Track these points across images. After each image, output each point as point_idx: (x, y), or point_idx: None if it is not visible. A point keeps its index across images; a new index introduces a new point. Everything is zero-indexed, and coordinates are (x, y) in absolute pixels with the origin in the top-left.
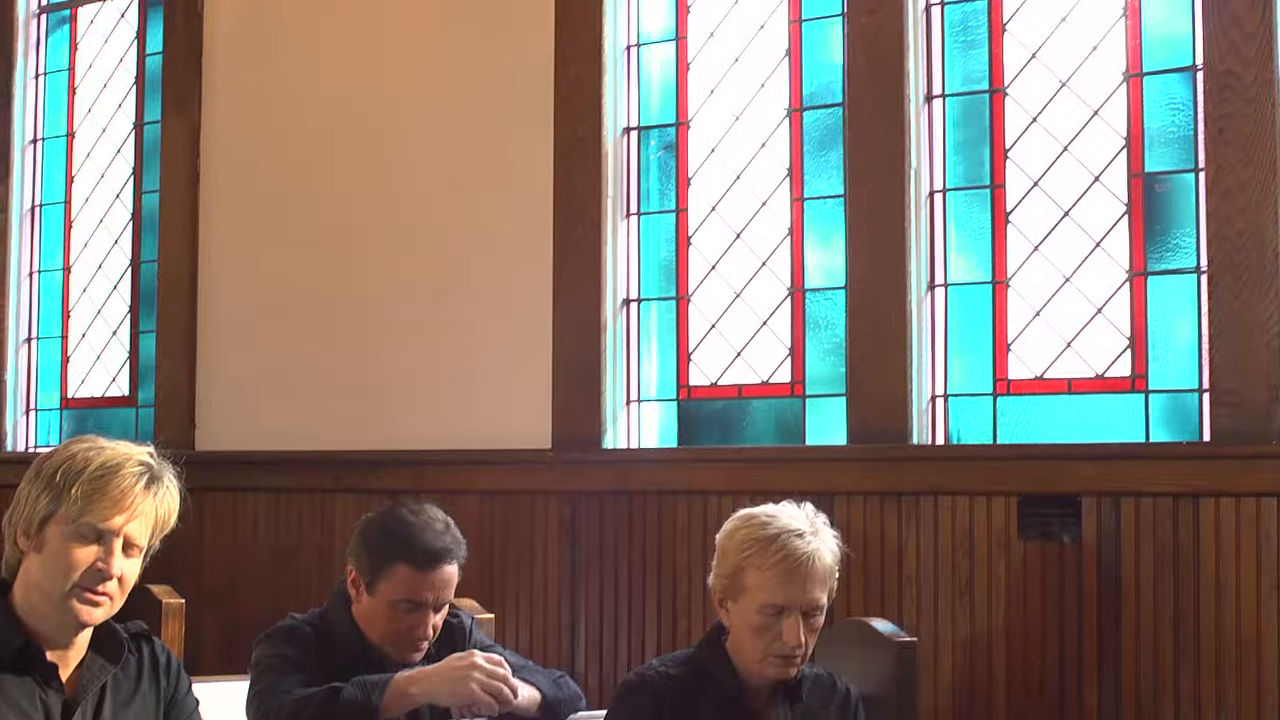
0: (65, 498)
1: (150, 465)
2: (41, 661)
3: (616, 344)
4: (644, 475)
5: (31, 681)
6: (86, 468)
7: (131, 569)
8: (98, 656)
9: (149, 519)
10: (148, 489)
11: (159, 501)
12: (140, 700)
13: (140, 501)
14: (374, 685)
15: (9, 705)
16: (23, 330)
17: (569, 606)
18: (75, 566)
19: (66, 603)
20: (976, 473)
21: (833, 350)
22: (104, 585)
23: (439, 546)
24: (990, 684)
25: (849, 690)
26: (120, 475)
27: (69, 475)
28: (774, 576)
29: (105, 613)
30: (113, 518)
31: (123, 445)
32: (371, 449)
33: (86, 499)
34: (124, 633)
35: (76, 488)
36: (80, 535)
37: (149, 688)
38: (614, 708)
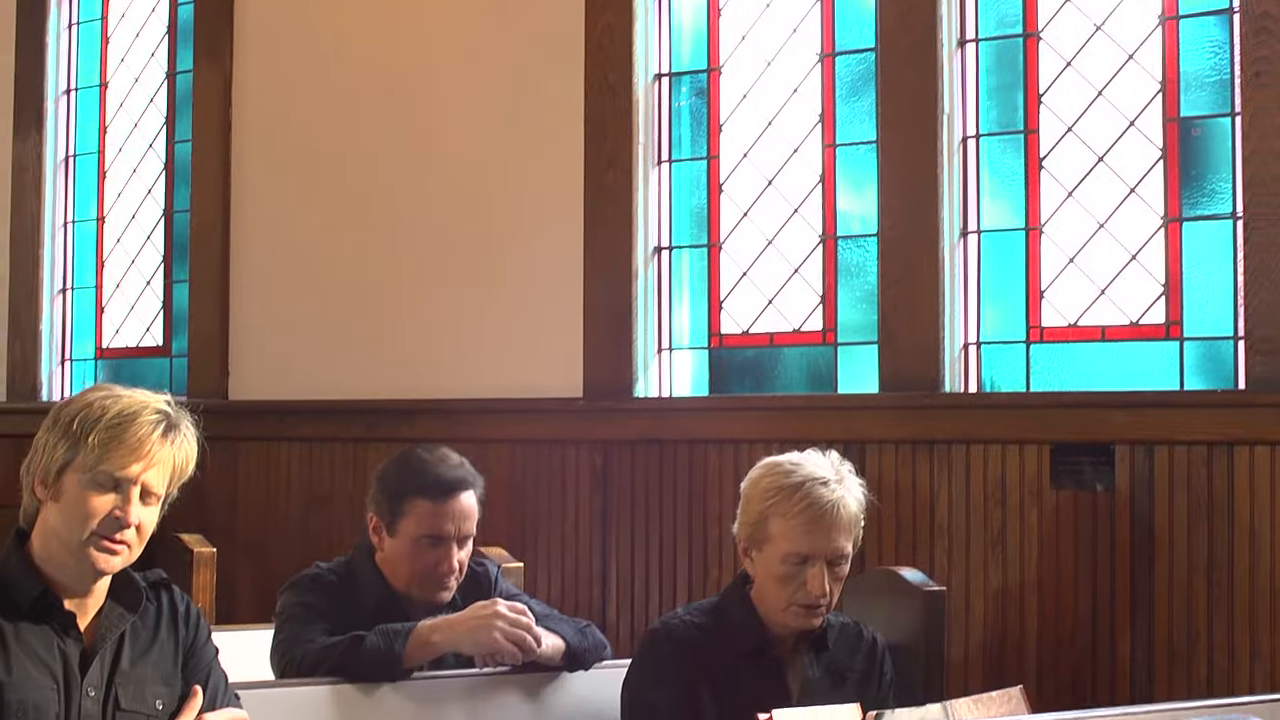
0: (82, 446)
1: (167, 413)
2: (59, 610)
3: (648, 292)
4: (675, 423)
5: (49, 630)
6: (103, 416)
7: (149, 517)
8: (116, 605)
9: (166, 467)
10: (165, 437)
11: (176, 449)
12: (159, 648)
13: (157, 449)
14: (397, 634)
15: (27, 654)
16: (57, 281)
17: (600, 555)
18: (93, 515)
19: (85, 551)
20: (1009, 421)
21: (864, 298)
22: (122, 533)
23: (454, 477)
24: (1022, 634)
25: (875, 639)
26: (137, 423)
27: (86, 423)
28: (798, 525)
29: (123, 561)
30: (130, 465)
31: (139, 393)
32: (404, 398)
33: (104, 447)
34: (142, 581)
35: (94, 436)
36: (98, 483)
37: (168, 636)
38: (638, 657)
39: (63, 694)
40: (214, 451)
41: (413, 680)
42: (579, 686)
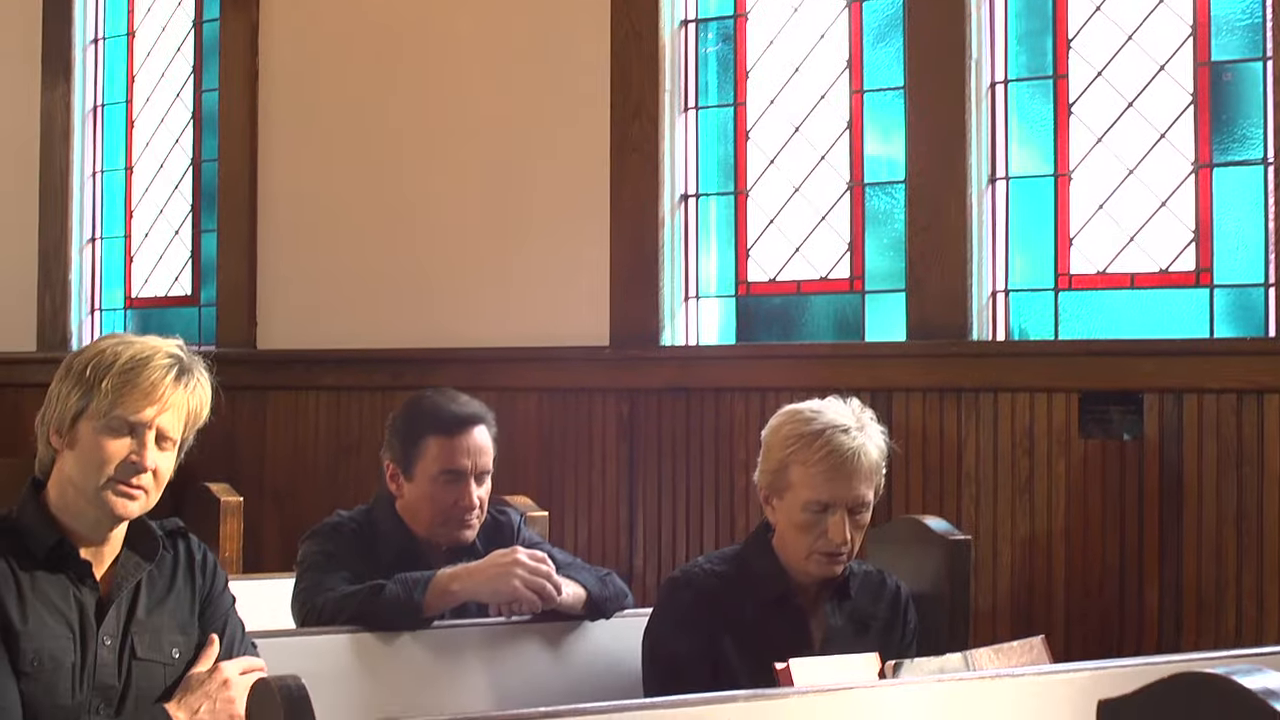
0: (96, 392)
1: (180, 357)
2: (75, 559)
3: (674, 240)
4: (702, 372)
5: (65, 579)
6: (116, 361)
7: (165, 462)
8: (132, 554)
9: (180, 411)
10: (178, 381)
11: (190, 394)
12: (175, 597)
13: (170, 393)
14: (416, 583)
15: (42, 603)
16: (86, 230)
17: (627, 504)
18: (109, 460)
19: (102, 496)
20: (1037, 369)
21: (892, 245)
22: (138, 478)
23: (466, 412)
24: (1049, 582)
25: (899, 587)
26: (150, 367)
27: (99, 370)
28: (819, 473)
29: (141, 506)
30: (144, 410)
31: (151, 339)
32: (430, 346)
33: (117, 392)
34: (159, 530)
35: (107, 381)
36: (112, 429)
37: (184, 584)
38: (659, 605)
39: (78, 643)
40: (242, 401)
41: (432, 629)
42: (600, 635)
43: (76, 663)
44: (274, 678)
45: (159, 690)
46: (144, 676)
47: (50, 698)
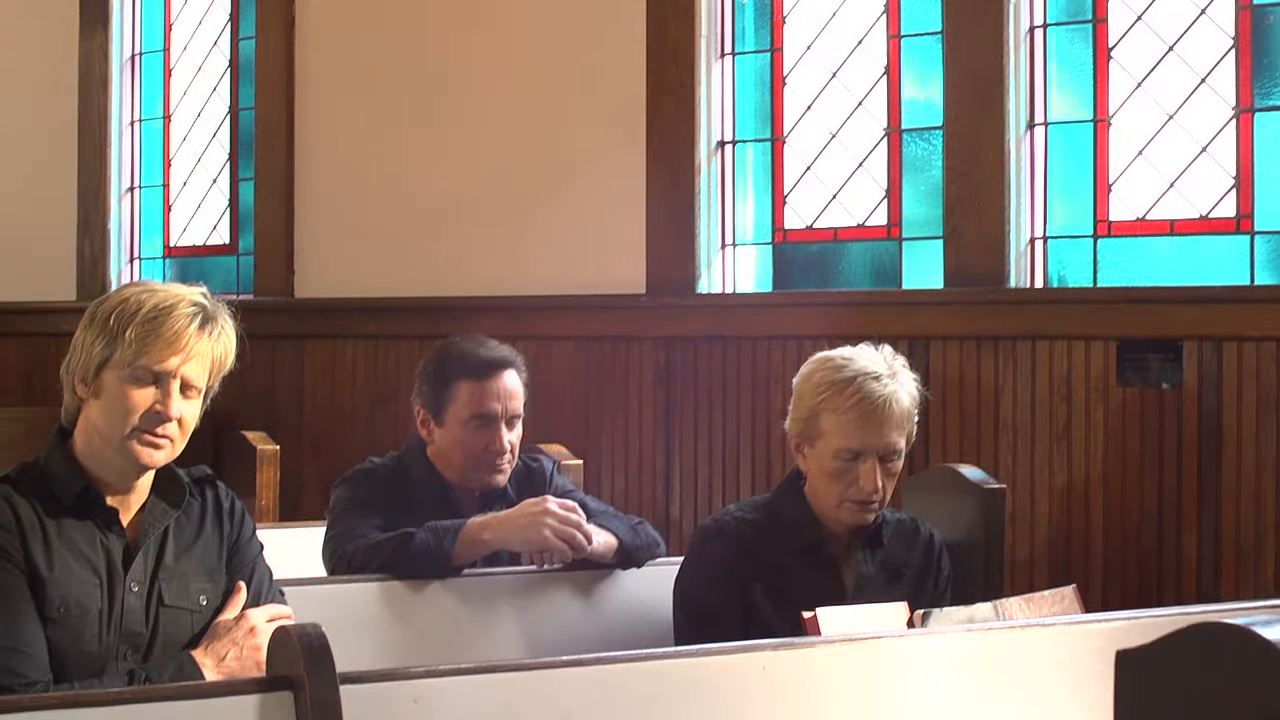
0: (120, 341)
1: (204, 305)
2: (101, 505)
3: (711, 187)
4: (738, 319)
5: (92, 526)
6: (140, 310)
7: (190, 410)
8: (159, 501)
9: (205, 359)
10: (202, 329)
11: (214, 342)
12: (203, 544)
13: (195, 342)
14: (446, 531)
15: (69, 549)
16: (125, 179)
17: (663, 452)
18: (134, 410)
19: (127, 446)
20: (1075, 316)
21: (930, 192)
22: (163, 427)
23: (495, 356)
24: (1087, 530)
25: (932, 535)
26: (174, 316)
27: (123, 319)
28: (850, 420)
29: (166, 455)
30: (168, 359)
31: (175, 287)
32: (467, 294)
33: (141, 341)
34: (186, 477)
35: (131, 331)
36: (137, 378)
37: (212, 531)
38: (690, 554)
39: (105, 589)
40: (280, 349)
41: (462, 577)
42: (632, 584)
43: (103, 609)
44: (294, 625)
45: (186, 637)
46: (171, 623)
47: (77, 644)
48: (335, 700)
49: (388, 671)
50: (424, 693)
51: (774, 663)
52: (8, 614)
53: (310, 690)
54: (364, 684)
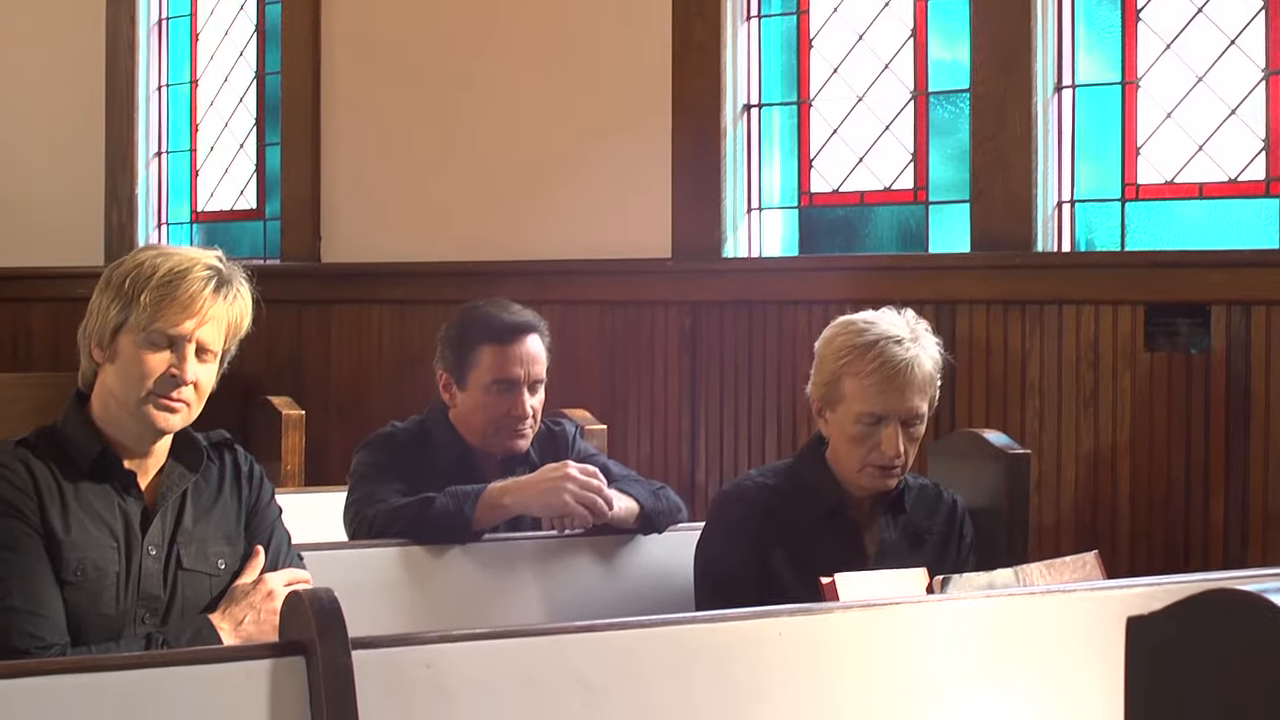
0: (135, 305)
1: (219, 269)
2: (119, 469)
3: (737, 150)
4: (764, 284)
5: (110, 489)
6: (154, 274)
7: (206, 375)
8: (177, 464)
9: (220, 323)
10: (217, 292)
11: (230, 305)
12: (221, 508)
13: (210, 305)
14: (466, 496)
15: (87, 512)
16: (153, 144)
17: (689, 417)
18: (149, 374)
19: (142, 410)
20: (1102, 281)
21: (956, 155)
22: (179, 391)
23: (518, 321)
24: (1114, 496)
25: (955, 501)
26: (188, 279)
27: (137, 282)
28: (871, 384)
29: (182, 419)
30: (183, 323)
31: (190, 250)
32: (493, 259)
33: (156, 305)
34: (204, 441)
35: (145, 295)
36: (152, 342)
37: (230, 495)
38: (710, 520)
39: (123, 552)
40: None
41: (483, 542)
42: (653, 549)
43: (121, 572)
44: (307, 590)
45: (205, 601)
46: (189, 587)
47: (94, 607)
48: (347, 665)
49: (400, 637)
50: (437, 658)
51: (790, 628)
52: (25, 577)
53: (322, 655)
54: (376, 649)
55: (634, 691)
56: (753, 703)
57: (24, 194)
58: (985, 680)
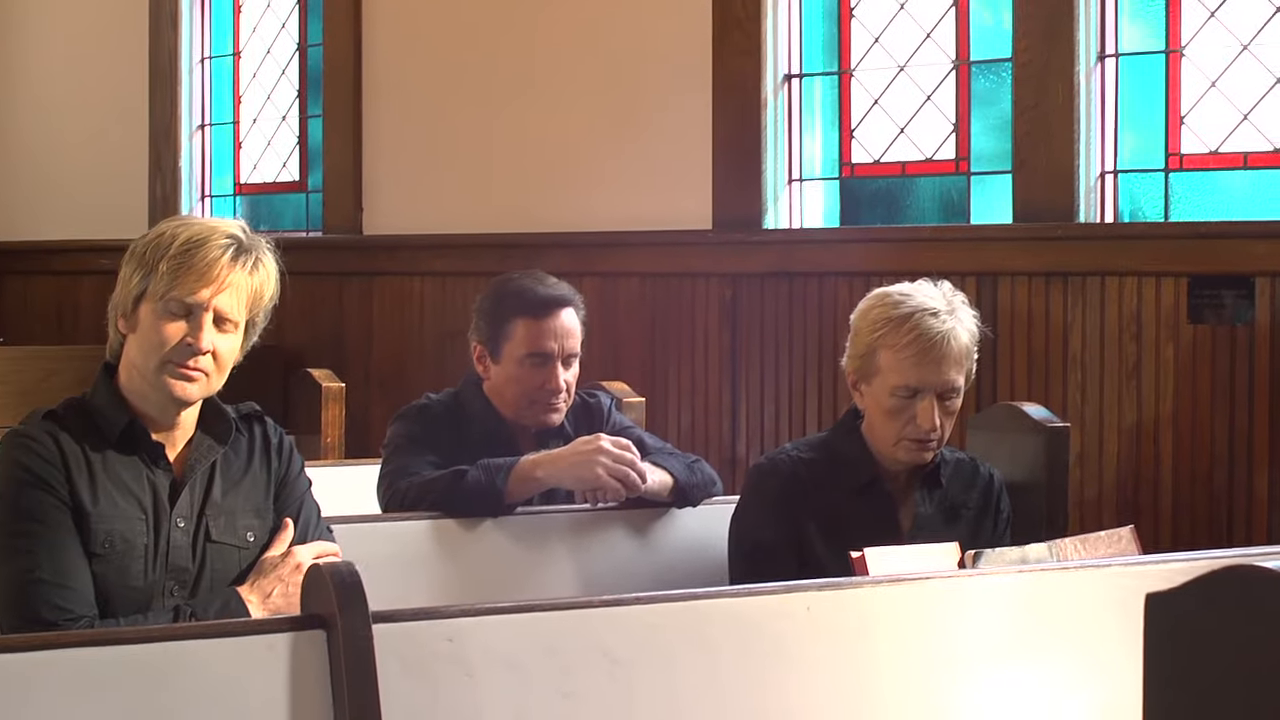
0: (154, 275)
1: (238, 238)
2: (147, 440)
3: (777, 121)
4: (805, 255)
5: (138, 461)
6: (173, 243)
7: (226, 344)
8: (206, 436)
9: (241, 292)
10: (235, 260)
11: (249, 273)
12: (250, 480)
13: (228, 274)
14: (499, 468)
15: (115, 484)
16: (195, 117)
17: (729, 389)
18: (165, 342)
19: (160, 379)
20: (1146, 252)
21: (998, 125)
22: (195, 360)
23: (554, 294)
24: (1156, 470)
25: (992, 475)
26: (206, 248)
27: (157, 252)
28: (907, 357)
29: (201, 389)
30: (199, 291)
31: (212, 220)
32: (535, 231)
33: (173, 274)
34: (233, 413)
35: (163, 263)
36: (169, 311)
37: (260, 467)
38: (744, 493)
39: (151, 524)
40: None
41: (515, 515)
42: (688, 522)
43: (149, 544)
44: (328, 563)
45: (233, 573)
46: (218, 559)
47: (122, 579)
48: (368, 638)
49: (422, 610)
50: (459, 632)
51: (818, 603)
52: (53, 549)
53: (343, 629)
54: (398, 623)
55: (659, 666)
56: (780, 678)
57: (69, 168)
58: (1017, 656)
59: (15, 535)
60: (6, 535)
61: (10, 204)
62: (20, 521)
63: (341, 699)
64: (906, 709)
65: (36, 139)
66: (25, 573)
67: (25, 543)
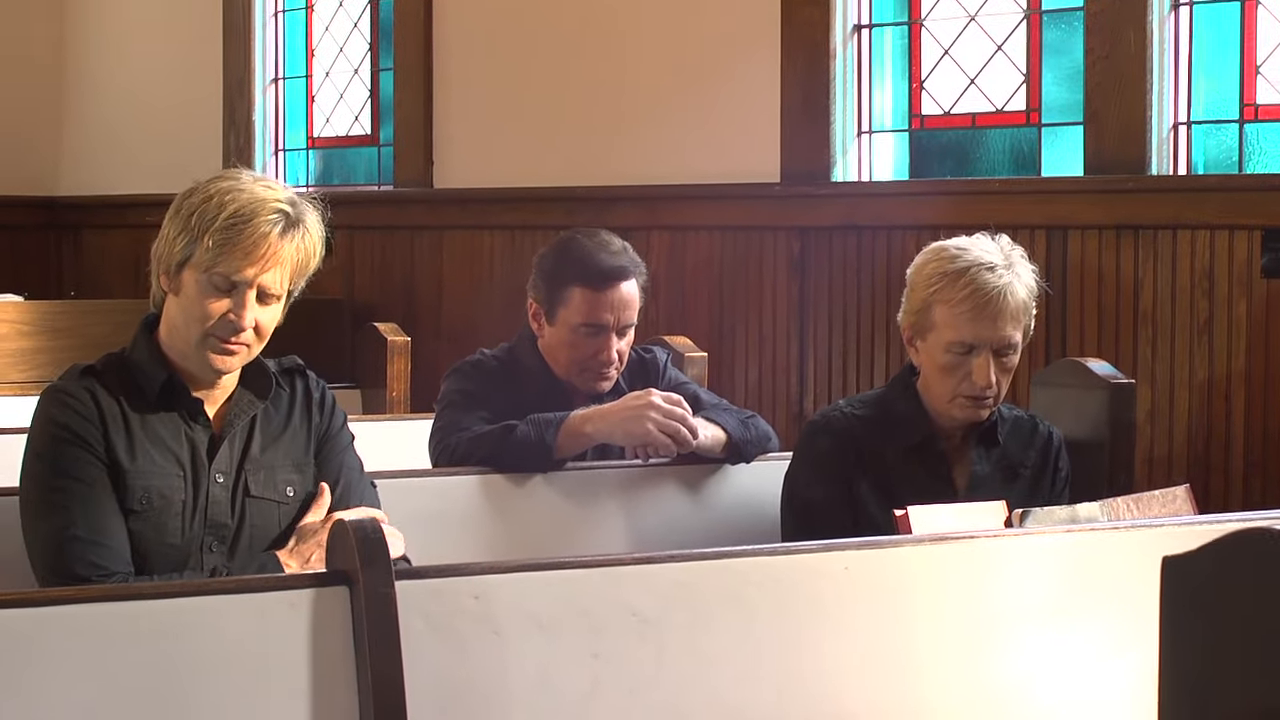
0: (199, 244)
1: (286, 212)
2: (186, 396)
3: (847, 73)
4: (874, 208)
5: (177, 417)
6: (220, 214)
7: (268, 315)
8: (246, 391)
9: (285, 267)
10: (283, 236)
11: (295, 248)
12: (291, 435)
13: (275, 250)
14: (548, 424)
15: (152, 441)
16: (269, 71)
17: (797, 344)
18: (208, 316)
19: (200, 350)
20: (1219, 205)
21: (1069, 76)
22: (237, 336)
23: (614, 265)
24: (1228, 428)
25: (1051, 433)
26: (253, 224)
27: (204, 220)
28: (963, 312)
29: (241, 360)
30: (245, 269)
31: (262, 187)
32: (604, 184)
33: (219, 249)
34: (274, 367)
35: (209, 237)
36: (213, 285)
37: (300, 422)
38: (796, 450)
39: (190, 480)
40: (420, 241)
41: (565, 471)
42: (741, 479)
43: (187, 500)
44: (352, 520)
45: (273, 529)
46: (257, 514)
47: (160, 536)
48: (390, 596)
49: (448, 567)
50: (486, 589)
51: (856, 562)
52: (88, 506)
53: (365, 585)
54: (422, 579)
55: (691, 626)
56: (815, 638)
57: (144, 122)
58: (1061, 617)
59: (52, 491)
60: (44, 491)
61: (87, 159)
62: (57, 478)
63: (364, 656)
64: (946, 671)
65: (112, 94)
66: (61, 529)
67: (61, 499)
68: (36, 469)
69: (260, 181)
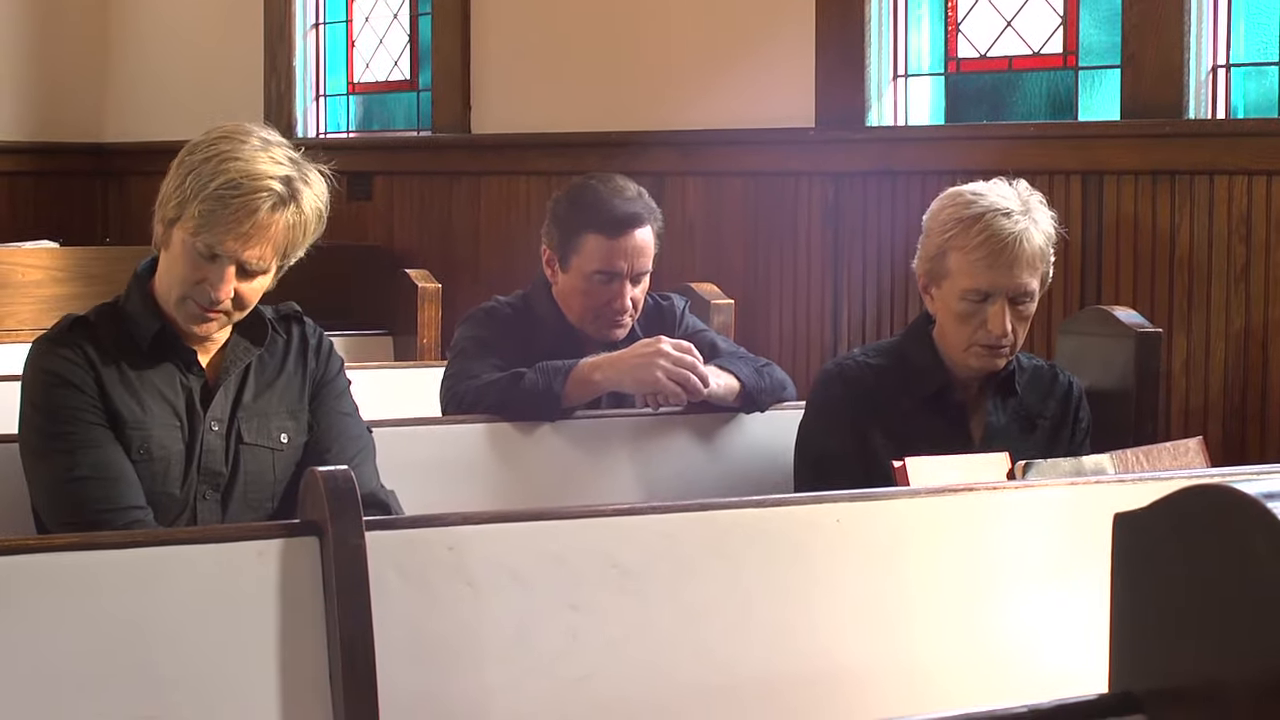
0: (189, 207)
1: (279, 190)
2: (180, 346)
3: (882, 15)
4: (909, 153)
5: (172, 366)
6: (212, 181)
7: (251, 286)
8: (241, 339)
9: (271, 243)
10: (272, 212)
11: (284, 225)
12: (285, 381)
13: (261, 228)
14: (556, 371)
15: (148, 390)
16: (310, 16)
17: (831, 291)
18: (188, 280)
19: (180, 310)
20: (1258, 149)
21: (1107, 18)
22: (214, 306)
23: (628, 212)
24: (1265, 378)
25: (1071, 383)
26: (242, 198)
27: (198, 183)
28: (978, 259)
29: (219, 326)
30: (227, 243)
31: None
32: (638, 129)
33: (204, 218)
34: (271, 314)
35: (198, 203)
36: (197, 251)
37: (295, 368)
38: (810, 399)
39: (185, 429)
40: (458, 186)
41: (575, 419)
42: (755, 428)
43: (184, 449)
44: (323, 470)
45: (268, 476)
46: (252, 461)
47: (160, 486)
48: (360, 547)
49: (421, 518)
50: (460, 540)
51: (849, 514)
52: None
53: (334, 536)
54: (394, 530)
55: (672, 577)
56: (804, 592)
57: (184, 68)
58: (1061, 573)
59: (50, 437)
60: (42, 438)
61: (128, 105)
62: (54, 424)
63: (333, 608)
64: (941, 628)
65: (152, 40)
66: (65, 471)
67: (61, 443)
68: (35, 419)
69: (265, 148)
